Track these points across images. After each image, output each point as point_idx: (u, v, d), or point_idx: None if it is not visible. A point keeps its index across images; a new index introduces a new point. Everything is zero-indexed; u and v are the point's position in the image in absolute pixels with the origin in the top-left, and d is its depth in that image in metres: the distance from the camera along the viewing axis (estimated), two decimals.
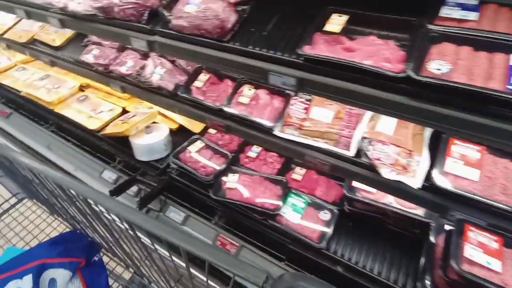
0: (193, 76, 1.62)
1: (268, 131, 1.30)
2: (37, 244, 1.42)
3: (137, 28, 1.32)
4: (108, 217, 1.01)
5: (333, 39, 1.00)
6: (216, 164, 1.73)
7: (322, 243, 1.36)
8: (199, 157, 1.77)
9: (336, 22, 1.03)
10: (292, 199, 1.56)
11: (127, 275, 1.54)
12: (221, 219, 1.70)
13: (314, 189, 1.62)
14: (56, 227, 1.71)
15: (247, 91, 1.48)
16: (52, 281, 1.27)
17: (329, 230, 1.41)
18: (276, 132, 1.29)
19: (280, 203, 1.50)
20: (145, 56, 1.81)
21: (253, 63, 1.07)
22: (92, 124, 2.06)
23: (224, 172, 1.68)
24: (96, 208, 0.98)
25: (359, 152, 1.15)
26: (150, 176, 1.83)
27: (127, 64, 1.74)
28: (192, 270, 1.15)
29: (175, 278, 1.38)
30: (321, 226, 1.44)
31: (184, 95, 1.50)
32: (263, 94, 1.47)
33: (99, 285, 1.37)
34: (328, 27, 1.02)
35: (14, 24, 2.32)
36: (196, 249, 0.72)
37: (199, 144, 1.84)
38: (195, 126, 2.03)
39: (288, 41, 1.07)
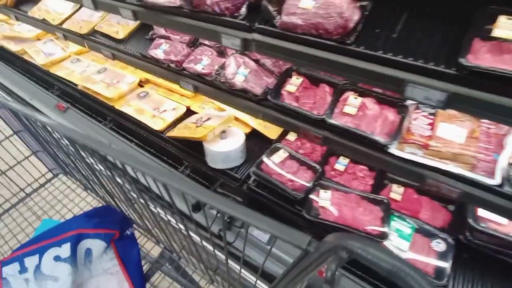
0: (283, 79, 1.40)
1: (381, 148, 1.10)
2: (73, 217, 1.47)
3: (232, 24, 1.11)
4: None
5: (502, 47, 0.79)
6: (304, 178, 1.48)
7: (442, 280, 1.12)
8: (284, 169, 1.52)
9: (506, 27, 0.82)
10: (395, 223, 1.31)
11: (157, 251, 1.57)
12: None
13: (418, 212, 1.37)
14: (90, 202, 1.75)
15: (353, 99, 1.26)
16: (88, 251, 1.30)
17: (446, 265, 1.16)
18: (393, 150, 1.09)
19: (385, 229, 1.26)
20: (221, 53, 1.66)
21: (386, 72, 0.90)
22: (156, 124, 1.86)
23: (314, 188, 1.44)
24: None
25: (505, 181, 0.95)
26: (228, 187, 1.61)
27: (203, 62, 1.56)
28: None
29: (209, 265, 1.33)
30: (436, 258, 1.20)
31: (274, 100, 1.30)
32: (370, 103, 1.26)
33: (131, 257, 1.39)
34: (497, 32, 0.81)
35: (73, 13, 2.15)
36: (236, 212, 0.71)
37: (282, 154, 1.59)
38: (271, 131, 1.78)
39: (428, 46, 0.89)
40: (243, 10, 1.11)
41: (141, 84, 2.25)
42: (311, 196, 1.41)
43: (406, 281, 0.46)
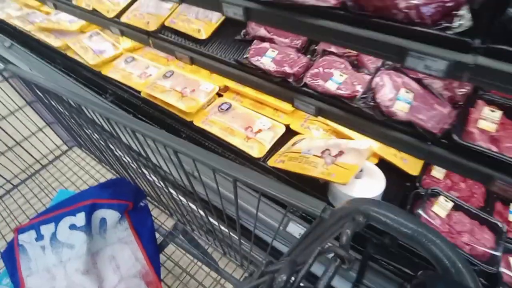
0: (467, 111, 0.96)
1: None
2: (87, 188, 1.50)
3: (441, 39, 0.67)
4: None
5: None
6: (484, 241, 1.02)
7: None
8: (454, 226, 1.07)
9: None
10: None
11: (170, 223, 1.60)
12: None
13: None
14: (104, 174, 1.78)
15: None
16: (103, 220, 1.32)
17: None
18: None
19: None
20: (355, 66, 1.18)
21: None
22: (252, 149, 1.42)
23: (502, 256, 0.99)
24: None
25: None
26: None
27: (335, 78, 1.10)
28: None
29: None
30: None
31: (464, 142, 0.86)
32: None
33: (145, 228, 1.41)
34: None
35: (131, 3, 1.66)
36: (250, 179, 0.68)
37: (445, 204, 1.10)
38: (410, 165, 1.29)
39: None
40: (460, 20, 0.67)
41: (220, 92, 1.76)
42: (502, 269, 0.98)
43: (427, 247, 0.43)
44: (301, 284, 0.42)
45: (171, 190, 1.23)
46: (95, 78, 2.01)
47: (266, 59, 1.22)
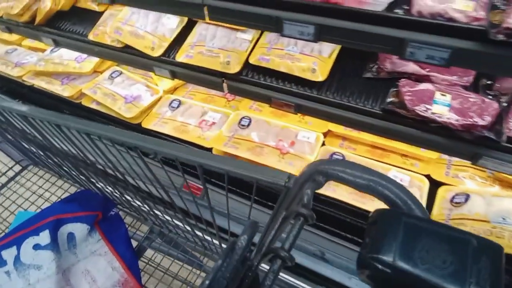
0: None
1: None
2: (50, 205, 1.42)
3: None
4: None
5: None
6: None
7: None
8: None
9: None
10: None
11: (146, 228, 1.55)
12: None
13: None
14: (67, 189, 1.69)
15: None
16: (71, 235, 1.26)
17: None
18: None
19: None
20: None
21: None
22: None
23: None
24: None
25: None
26: None
27: None
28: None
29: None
30: None
31: None
32: None
33: (119, 237, 1.36)
34: None
35: (182, 36, 1.25)
36: (211, 161, 0.67)
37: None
38: None
39: None
40: None
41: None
42: None
43: (382, 193, 0.45)
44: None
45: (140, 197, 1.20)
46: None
47: (441, 108, 0.85)
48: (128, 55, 1.29)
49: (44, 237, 1.18)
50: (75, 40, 1.40)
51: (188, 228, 1.25)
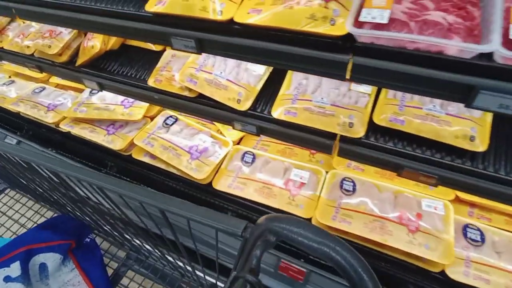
0: None
1: None
2: (22, 233, 1.39)
3: None
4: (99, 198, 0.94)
5: None
6: None
7: None
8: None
9: None
10: None
11: (123, 254, 1.53)
12: None
13: None
14: (44, 214, 1.66)
15: None
16: (43, 266, 1.23)
17: None
18: None
19: None
20: None
21: None
22: None
23: None
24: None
25: None
26: None
27: None
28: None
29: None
30: None
31: None
32: None
33: (94, 264, 1.34)
34: None
35: (272, 85, 1.05)
36: (175, 209, 0.68)
37: None
38: None
39: None
40: None
41: None
42: None
43: (335, 259, 0.45)
44: None
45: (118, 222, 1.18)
46: (200, 194, 1.34)
47: None
48: (204, 107, 1.08)
49: (15, 269, 1.16)
50: (127, 85, 1.21)
51: (170, 259, 1.23)
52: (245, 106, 1.02)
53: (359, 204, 1.10)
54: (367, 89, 0.96)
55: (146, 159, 1.39)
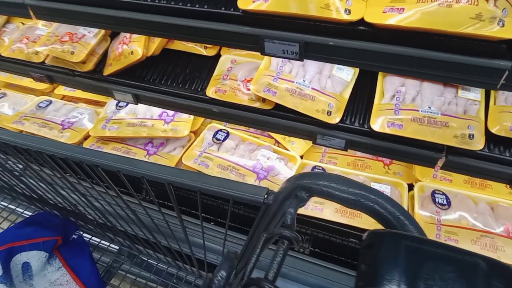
0: None
1: None
2: (1, 231, 1.27)
3: None
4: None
5: None
6: None
7: None
8: None
9: None
10: None
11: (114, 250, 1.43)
12: None
13: None
14: (22, 213, 1.53)
15: None
16: (26, 265, 1.13)
17: None
18: None
19: None
20: None
21: None
22: None
23: None
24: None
25: None
26: None
27: None
28: None
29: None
30: None
31: None
32: None
33: (83, 262, 1.24)
34: None
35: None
36: (184, 179, 0.61)
37: None
38: None
39: None
40: None
41: None
42: None
43: (374, 209, 0.41)
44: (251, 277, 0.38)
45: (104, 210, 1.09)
46: None
47: None
48: (282, 121, 0.95)
49: None
50: (176, 96, 1.03)
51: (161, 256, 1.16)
52: (336, 118, 0.90)
53: (460, 219, 1.03)
54: (477, 95, 0.87)
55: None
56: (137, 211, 0.87)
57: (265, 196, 0.56)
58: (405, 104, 0.88)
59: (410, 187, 1.15)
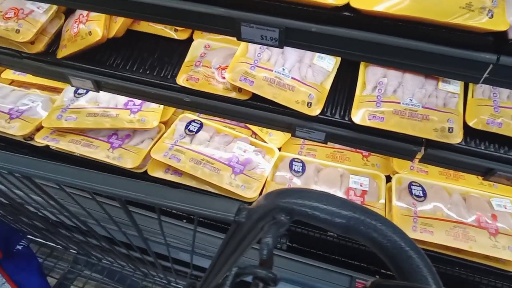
0: None
1: None
2: None
3: None
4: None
5: None
6: None
7: None
8: None
9: None
10: None
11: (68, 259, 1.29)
12: None
13: None
14: None
15: None
16: None
17: None
18: None
19: None
20: None
21: None
22: None
23: None
24: None
25: None
26: None
27: None
28: None
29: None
30: None
31: None
32: None
33: (30, 277, 1.11)
34: None
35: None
36: (141, 195, 0.51)
37: None
38: None
39: None
40: None
41: None
42: None
43: (371, 236, 0.34)
44: None
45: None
46: None
47: None
48: (259, 112, 0.89)
49: None
50: (143, 84, 0.93)
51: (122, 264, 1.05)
52: (316, 110, 0.84)
53: (435, 210, 1.03)
54: (457, 88, 0.85)
55: (168, 177, 1.12)
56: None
57: (236, 213, 0.48)
58: (387, 96, 0.85)
59: (388, 178, 1.15)
